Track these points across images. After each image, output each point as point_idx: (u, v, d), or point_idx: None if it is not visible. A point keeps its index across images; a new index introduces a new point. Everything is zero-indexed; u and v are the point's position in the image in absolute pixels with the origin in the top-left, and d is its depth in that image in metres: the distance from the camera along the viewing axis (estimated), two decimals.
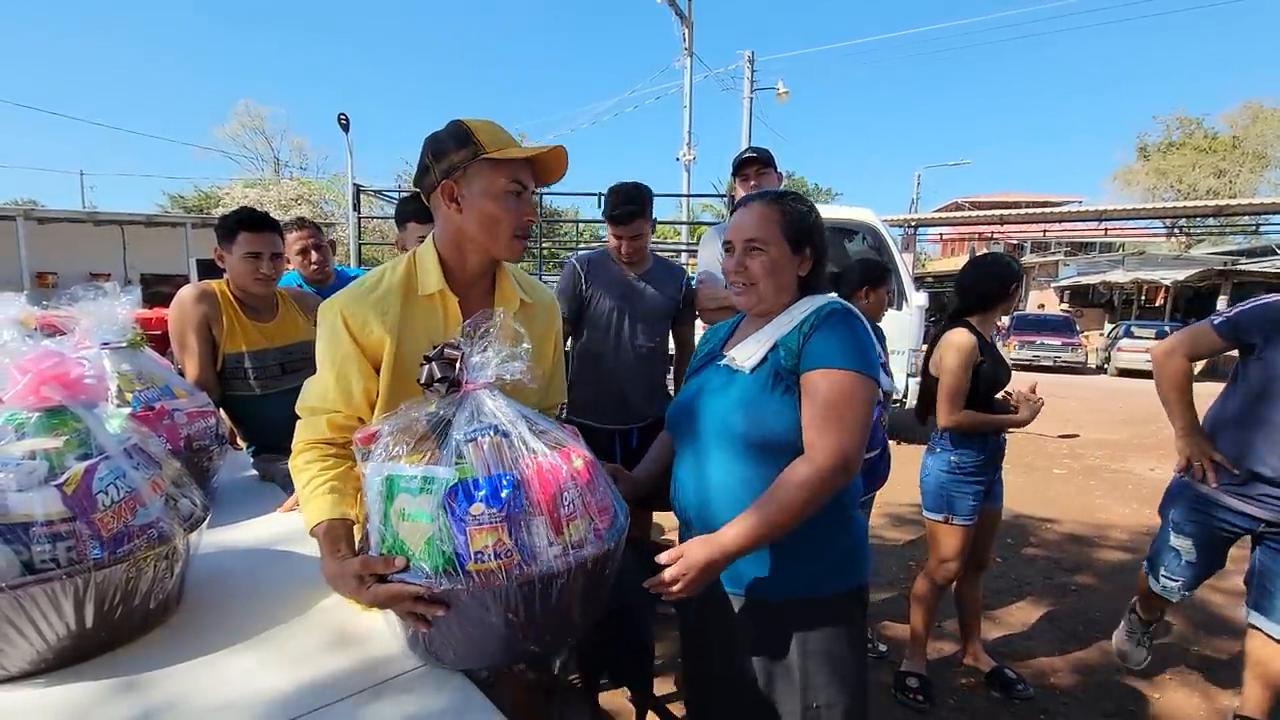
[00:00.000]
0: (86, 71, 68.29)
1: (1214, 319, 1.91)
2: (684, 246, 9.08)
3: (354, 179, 9.23)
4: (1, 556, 0.86)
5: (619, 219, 2.29)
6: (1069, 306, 21.84)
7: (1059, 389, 11.36)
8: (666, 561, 1.02)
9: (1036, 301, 23.01)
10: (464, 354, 0.93)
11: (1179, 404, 1.96)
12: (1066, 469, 5.95)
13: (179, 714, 0.84)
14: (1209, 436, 1.94)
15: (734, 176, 2.53)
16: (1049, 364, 15.74)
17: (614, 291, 2.37)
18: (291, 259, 2.60)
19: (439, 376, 0.92)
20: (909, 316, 6.15)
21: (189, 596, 1.13)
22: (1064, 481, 5.50)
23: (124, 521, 0.95)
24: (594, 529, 0.91)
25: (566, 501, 0.88)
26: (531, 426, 0.93)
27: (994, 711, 2.27)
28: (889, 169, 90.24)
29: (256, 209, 2.00)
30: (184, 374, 1.82)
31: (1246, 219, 20.84)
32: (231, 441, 1.96)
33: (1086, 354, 16.57)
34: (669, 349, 2.58)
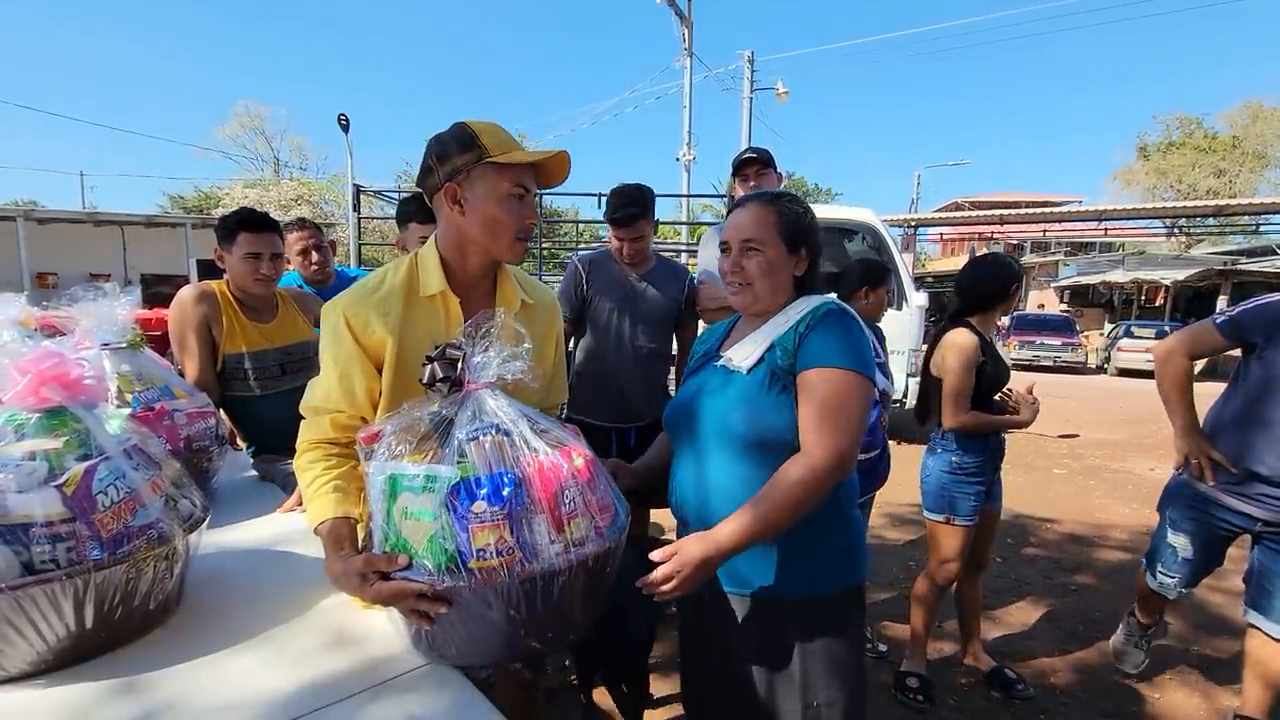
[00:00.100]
0: (86, 71, 68.48)
1: (1216, 318, 1.92)
2: (684, 246, 9.09)
3: (354, 179, 9.22)
4: (1, 557, 0.86)
5: (620, 221, 2.28)
6: (1069, 306, 21.84)
7: (1059, 389, 11.36)
8: (660, 559, 1.00)
9: (1036, 301, 23.01)
10: (466, 354, 0.93)
11: (1179, 402, 1.97)
12: (1066, 469, 5.95)
13: (179, 714, 0.84)
14: (1209, 435, 1.95)
15: (734, 177, 2.53)
16: (1049, 364, 15.73)
17: (614, 292, 2.36)
18: (292, 259, 2.60)
19: (441, 376, 0.92)
20: (909, 316, 6.15)
21: (189, 597, 1.13)
22: (1064, 481, 5.50)
23: (124, 522, 0.95)
24: (595, 527, 0.92)
25: (568, 500, 0.89)
26: (533, 425, 0.93)
27: (994, 711, 2.27)
28: (889, 169, 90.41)
29: (256, 209, 2.00)
30: (184, 374, 1.82)
31: (1246, 219, 20.84)
32: (231, 442, 1.96)
33: (1086, 354, 16.56)
34: (672, 350, 2.58)
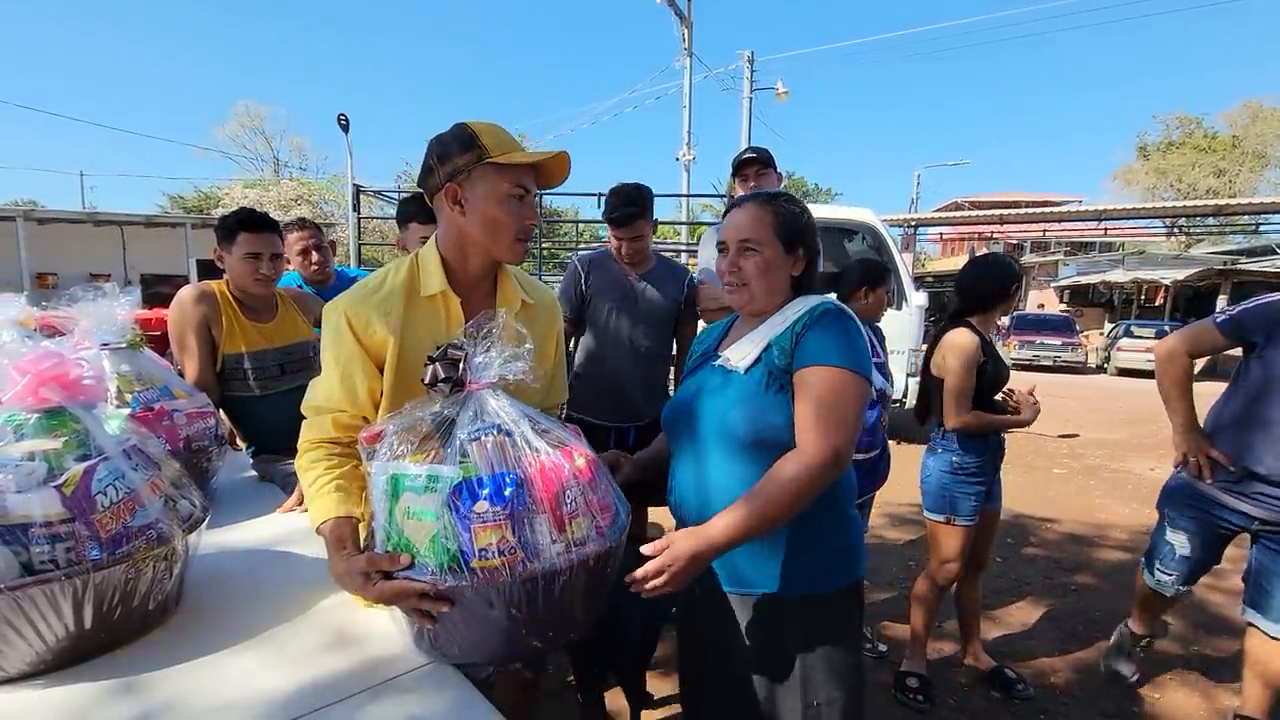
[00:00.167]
0: (86, 71, 68.44)
1: (1217, 316, 1.93)
2: (684, 246, 9.10)
3: (354, 179, 9.21)
4: (0, 558, 0.86)
5: (618, 221, 2.29)
6: (1069, 306, 21.83)
7: (1059, 389, 11.36)
8: (651, 553, 0.99)
9: (1036, 301, 23.00)
10: (467, 354, 0.94)
11: (1179, 400, 1.98)
12: (1066, 469, 5.95)
13: (178, 715, 0.84)
14: (1209, 435, 1.95)
15: (734, 177, 2.52)
16: (1049, 364, 15.72)
17: (614, 292, 2.36)
18: (292, 259, 2.60)
19: (443, 376, 0.93)
20: (909, 316, 6.14)
21: (188, 597, 1.13)
22: (1064, 481, 5.50)
23: (123, 522, 0.95)
24: (596, 526, 0.92)
25: (569, 499, 0.90)
26: (534, 425, 0.94)
27: (994, 711, 2.27)
28: (889, 169, 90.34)
29: (256, 210, 2.00)
30: (183, 375, 1.82)
31: (1246, 218, 20.83)
32: (231, 442, 1.96)
33: (1086, 354, 16.55)
34: (672, 349, 2.58)
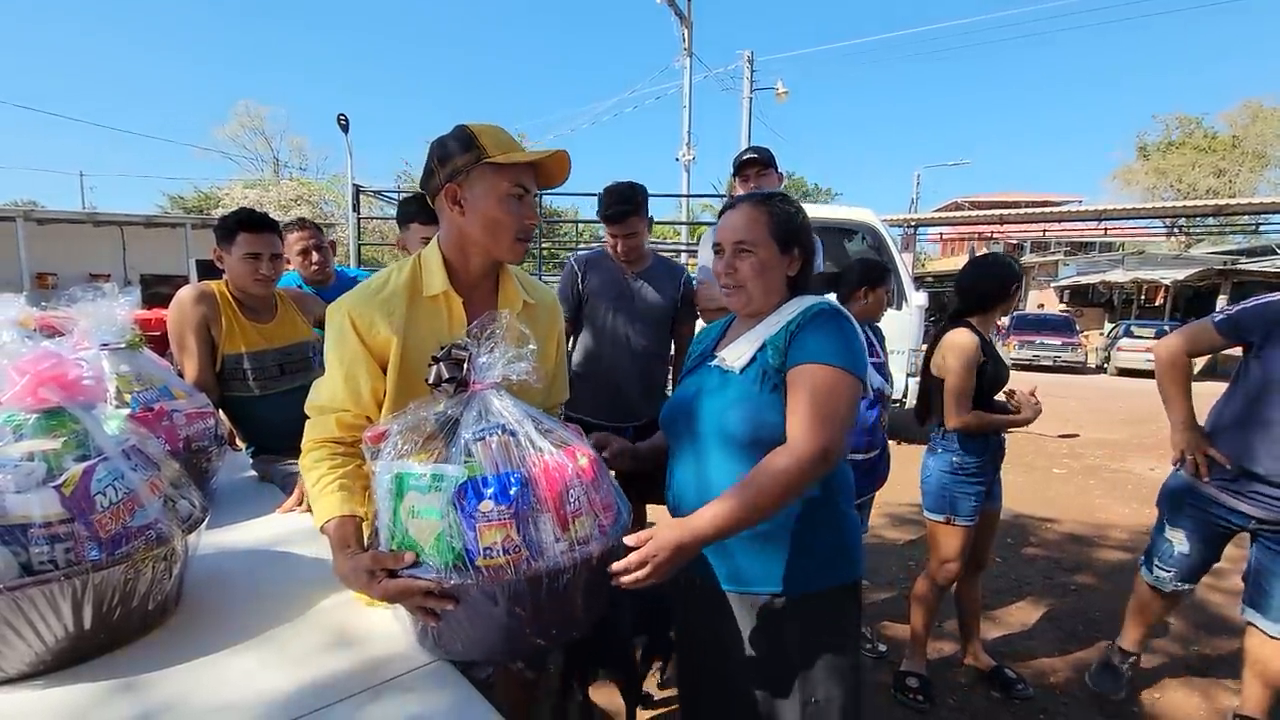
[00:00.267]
0: (86, 71, 68.41)
1: (1215, 316, 1.94)
2: (684, 246, 9.08)
3: (354, 180, 9.21)
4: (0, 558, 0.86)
5: (613, 218, 2.30)
6: (1069, 306, 21.83)
7: (1059, 389, 11.35)
8: (634, 544, 0.97)
9: (1036, 301, 23.00)
10: (471, 354, 0.94)
11: (1178, 398, 1.99)
12: (1066, 469, 5.95)
13: (178, 715, 0.84)
14: (1207, 433, 1.95)
15: (734, 176, 2.53)
16: (1049, 364, 15.71)
17: (610, 291, 2.37)
18: (292, 259, 2.60)
19: (447, 377, 0.93)
20: (908, 316, 6.14)
21: (188, 598, 1.13)
22: (1064, 481, 5.50)
23: (122, 523, 0.95)
24: (598, 525, 0.94)
25: (572, 499, 0.91)
26: (538, 425, 0.95)
27: (994, 711, 2.27)
28: (889, 169, 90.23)
29: (256, 210, 2.00)
30: (183, 375, 1.82)
31: (1246, 218, 20.82)
32: (230, 442, 1.96)
33: (1086, 354, 16.55)
34: (670, 349, 2.58)
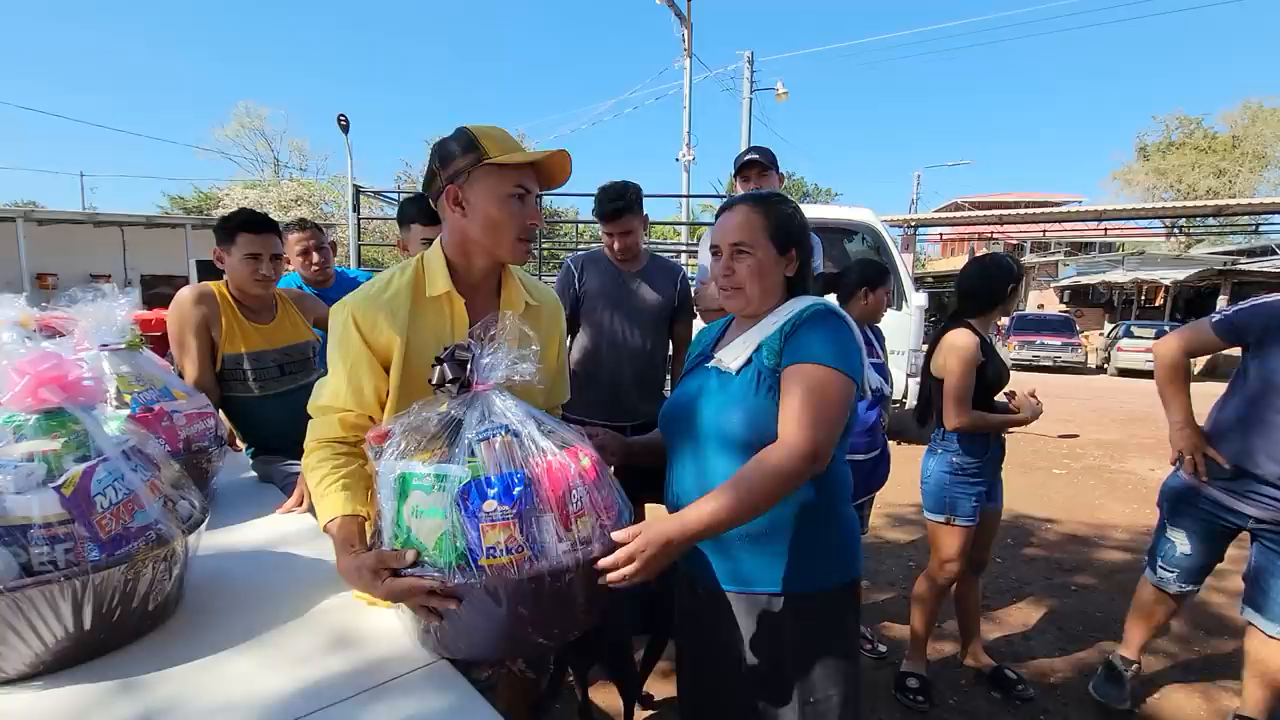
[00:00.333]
0: (86, 71, 68.36)
1: (1213, 317, 1.95)
2: (684, 247, 9.08)
3: (354, 180, 9.21)
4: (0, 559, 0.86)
5: (608, 216, 2.31)
6: (1069, 306, 21.84)
7: (1059, 389, 11.35)
8: (623, 539, 0.96)
9: (1036, 301, 23.03)
10: (474, 355, 0.95)
11: (1176, 398, 2.00)
12: (1066, 469, 5.95)
13: (178, 716, 0.84)
14: (1205, 433, 1.96)
15: (735, 176, 2.54)
16: (1049, 364, 15.71)
17: (607, 290, 2.38)
18: (292, 260, 2.60)
19: (450, 377, 0.94)
20: (908, 317, 6.14)
21: (188, 598, 1.13)
22: (1064, 482, 5.50)
23: (122, 523, 0.95)
24: (600, 525, 0.95)
25: (575, 499, 0.92)
26: (540, 426, 0.96)
27: (994, 712, 2.27)
28: (888, 169, 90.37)
29: (256, 210, 2.00)
30: (183, 375, 1.82)
31: (1246, 219, 20.83)
32: (230, 443, 1.96)
33: (1086, 354, 16.55)
34: (668, 348, 2.58)
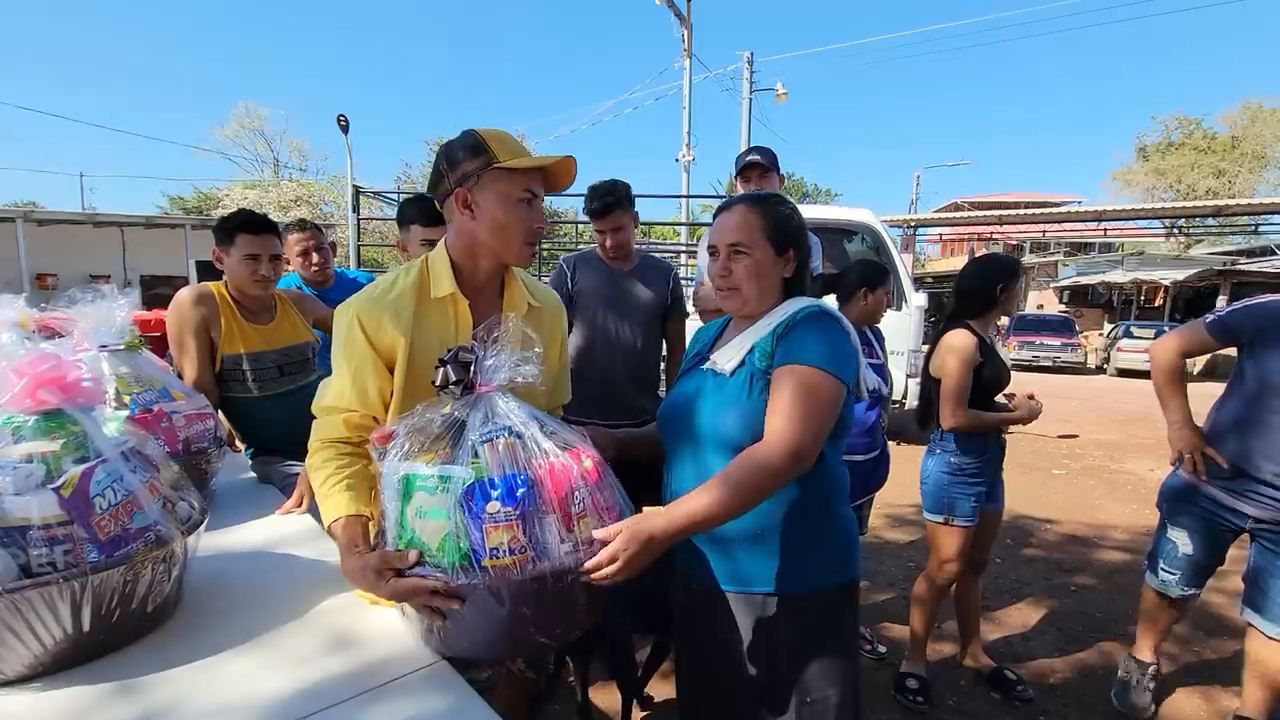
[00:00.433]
0: (86, 71, 68.32)
1: (1207, 318, 1.96)
2: (683, 247, 9.08)
3: (353, 180, 9.20)
4: None
5: (597, 212, 2.32)
6: (1068, 307, 21.85)
7: (1058, 389, 11.36)
8: (603, 538, 0.94)
9: (1036, 302, 23.02)
10: (478, 357, 0.95)
11: (1173, 398, 2.00)
12: (1066, 469, 5.95)
13: (177, 718, 0.84)
14: (1204, 434, 1.96)
15: (736, 176, 2.55)
16: (1049, 364, 15.72)
17: (600, 289, 2.39)
18: (292, 261, 2.60)
19: (454, 379, 0.94)
20: (908, 317, 6.14)
21: (187, 600, 1.13)
22: (1063, 482, 5.49)
23: (121, 525, 0.95)
24: (602, 526, 0.95)
25: (577, 500, 0.92)
26: (543, 428, 0.96)
27: (993, 713, 2.26)
28: (888, 169, 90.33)
29: (255, 211, 2.00)
30: (182, 376, 1.82)
31: (1245, 219, 20.82)
32: (230, 444, 1.96)
33: (1086, 354, 16.56)
34: (661, 347, 2.59)
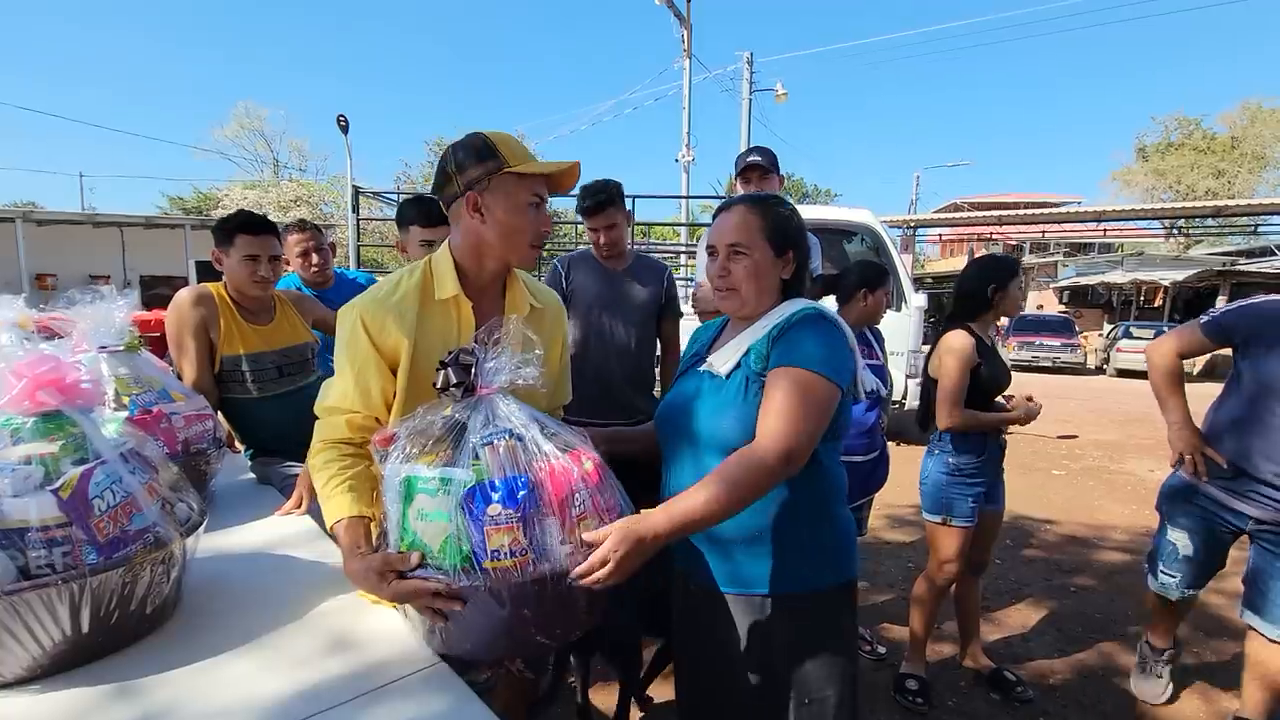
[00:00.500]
0: (86, 71, 68.30)
1: (1202, 319, 1.96)
2: (683, 248, 9.08)
3: (353, 181, 9.20)
4: None
5: (589, 210, 2.32)
6: (1068, 307, 21.85)
7: (1058, 390, 11.36)
8: (593, 540, 0.92)
9: (1035, 302, 23.01)
10: (479, 359, 0.95)
11: (1172, 399, 2.00)
12: (1065, 470, 5.95)
13: (176, 719, 0.84)
14: (1206, 435, 1.96)
15: (736, 176, 2.55)
16: (1048, 365, 15.73)
17: (594, 288, 2.39)
18: (291, 261, 2.60)
19: (454, 381, 0.94)
20: (908, 318, 6.14)
21: (186, 601, 1.13)
22: (1063, 483, 5.50)
23: (120, 526, 0.95)
24: (603, 527, 0.94)
25: (578, 502, 0.92)
26: (544, 430, 0.96)
27: (993, 713, 2.26)
28: (888, 169, 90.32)
29: (255, 211, 2.00)
30: (181, 377, 1.82)
31: (1245, 219, 20.84)
32: (229, 445, 1.95)
33: (1086, 355, 16.57)
34: (656, 346, 2.59)
